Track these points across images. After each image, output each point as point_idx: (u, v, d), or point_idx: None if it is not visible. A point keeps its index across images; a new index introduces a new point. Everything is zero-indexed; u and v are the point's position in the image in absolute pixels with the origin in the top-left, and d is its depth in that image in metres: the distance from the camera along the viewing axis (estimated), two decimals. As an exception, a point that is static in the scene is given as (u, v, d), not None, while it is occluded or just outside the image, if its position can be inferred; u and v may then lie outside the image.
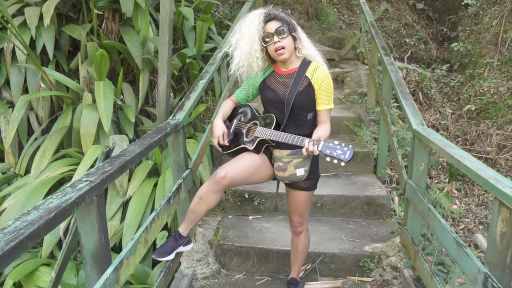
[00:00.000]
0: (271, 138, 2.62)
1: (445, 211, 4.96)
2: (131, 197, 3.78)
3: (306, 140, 2.44)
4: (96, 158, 4.21)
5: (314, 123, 2.76)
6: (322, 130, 2.63)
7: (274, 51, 2.59)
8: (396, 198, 4.47)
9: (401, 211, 4.28)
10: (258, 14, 2.61)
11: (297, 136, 2.52)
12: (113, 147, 2.22)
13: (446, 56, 8.82)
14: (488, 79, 7.59)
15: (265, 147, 2.77)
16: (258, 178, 2.79)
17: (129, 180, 3.96)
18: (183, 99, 3.53)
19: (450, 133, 7.33)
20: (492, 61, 7.74)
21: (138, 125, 4.95)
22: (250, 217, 3.96)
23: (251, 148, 2.70)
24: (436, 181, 5.70)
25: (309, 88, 2.64)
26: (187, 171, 3.20)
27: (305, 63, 2.71)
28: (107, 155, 2.18)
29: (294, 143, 2.52)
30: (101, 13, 5.13)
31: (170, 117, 3.22)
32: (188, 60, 5.14)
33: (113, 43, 4.99)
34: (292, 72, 2.70)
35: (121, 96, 4.93)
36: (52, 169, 4.09)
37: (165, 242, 2.77)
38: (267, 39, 2.58)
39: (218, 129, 2.78)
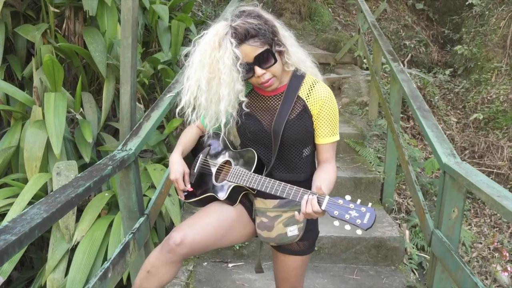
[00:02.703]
0: (250, 186, 1.77)
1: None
2: (79, 242, 2.91)
3: (305, 195, 1.61)
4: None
5: (312, 163, 1.91)
6: (325, 176, 1.77)
7: (259, 83, 1.74)
8: (407, 232, 3.61)
9: (414, 250, 3.43)
10: (222, 35, 1.68)
11: (289, 185, 1.68)
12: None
13: (449, 60, 7.98)
14: (496, 85, 6.75)
15: (243, 195, 1.92)
16: (232, 239, 1.92)
17: (78, 219, 3.07)
18: (141, 120, 2.66)
19: (456, 144, 6.49)
20: (500, 66, 6.90)
21: (102, 144, 4.06)
22: (230, 265, 3.09)
23: (223, 197, 1.85)
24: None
25: (305, 114, 1.78)
26: (142, 219, 2.32)
27: (297, 78, 1.84)
28: (-21, 233, 1.30)
29: (284, 196, 1.68)
30: (58, 11, 4.23)
31: (119, 147, 2.34)
32: (160, 66, 4.26)
33: (71, 46, 4.11)
34: (279, 92, 1.85)
35: (81, 109, 4.05)
36: (-14, 203, 3.21)
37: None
38: (246, 74, 1.71)
39: (176, 169, 1.91)
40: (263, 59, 1.68)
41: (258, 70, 1.69)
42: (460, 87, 7.13)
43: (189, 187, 1.92)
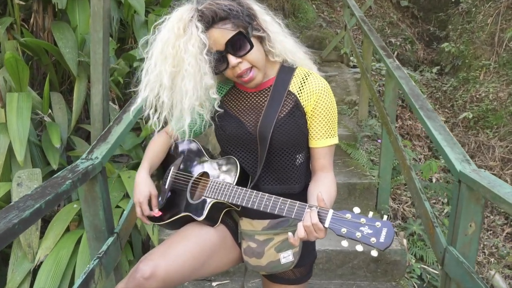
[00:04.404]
0: (232, 202, 1.43)
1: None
2: (42, 262, 2.53)
3: (303, 210, 1.29)
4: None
5: (307, 172, 1.58)
6: (324, 188, 1.45)
7: (237, 77, 1.41)
8: (405, 241, 3.31)
9: (414, 262, 3.13)
10: (187, 20, 1.34)
11: (281, 199, 1.34)
12: None
13: (435, 58, 7.74)
14: (485, 83, 6.52)
15: (225, 212, 1.58)
16: (214, 268, 1.57)
17: (42, 235, 2.70)
18: (111, 123, 2.30)
19: (445, 144, 6.23)
20: (488, 63, 6.67)
21: (73, 148, 3.68)
22: (214, 284, 2.74)
23: (200, 217, 1.49)
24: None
25: (297, 111, 1.46)
26: (110, 240, 1.96)
27: (286, 69, 1.51)
28: None
29: (276, 213, 1.34)
30: (23, 3, 3.83)
31: (84, 155, 1.98)
32: (136, 64, 3.88)
33: (38, 42, 3.72)
34: (265, 87, 1.51)
35: (49, 111, 3.65)
36: None
37: None
38: (218, 64, 1.40)
39: (140, 190, 1.57)
40: (236, 45, 1.37)
41: (232, 59, 1.38)
42: (448, 85, 6.89)
43: (156, 212, 1.57)
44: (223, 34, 1.36)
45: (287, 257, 1.52)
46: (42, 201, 1.44)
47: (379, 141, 4.12)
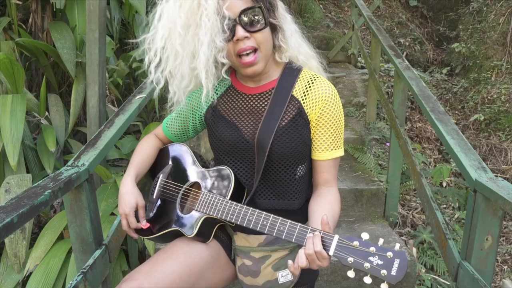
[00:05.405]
0: (226, 219, 1.28)
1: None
2: (32, 272, 2.40)
3: (305, 233, 1.15)
4: None
5: (308, 185, 1.43)
6: (327, 206, 1.30)
7: (237, 55, 1.24)
8: (414, 250, 3.14)
9: (425, 274, 2.96)
10: None
11: (280, 219, 1.20)
12: None
13: (445, 58, 7.54)
14: (497, 84, 6.32)
15: (219, 226, 1.43)
16: (206, 286, 1.43)
17: (32, 244, 2.56)
18: (101, 127, 2.16)
19: (456, 147, 6.04)
20: (500, 64, 6.47)
21: (71, 152, 3.55)
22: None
23: (191, 233, 1.35)
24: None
25: (300, 119, 1.31)
26: (98, 253, 1.81)
27: (291, 71, 1.35)
28: None
29: (275, 235, 1.19)
30: (19, 2, 3.72)
31: (70, 162, 1.84)
32: (136, 65, 3.75)
33: (35, 42, 3.61)
34: (266, 89, 1.36)
35: (46, 113, 3.53)
36: None
37: None
38: (225, 31, 1.22)
39: (126, 202, 1.41)
40: (250, 19, 1.22)
41: (240, 31, 1.22)
42: (458, 86, 6.70)
43: (144, 224, 1.42)
44: (241, 0, 1.22)
45: (285, 276, 1.37)
46: (14, 214, 1.30)
47: (388, 144, 3.96)
